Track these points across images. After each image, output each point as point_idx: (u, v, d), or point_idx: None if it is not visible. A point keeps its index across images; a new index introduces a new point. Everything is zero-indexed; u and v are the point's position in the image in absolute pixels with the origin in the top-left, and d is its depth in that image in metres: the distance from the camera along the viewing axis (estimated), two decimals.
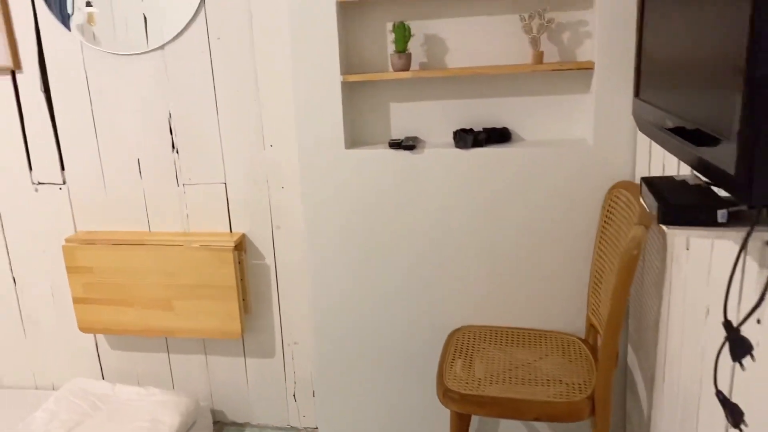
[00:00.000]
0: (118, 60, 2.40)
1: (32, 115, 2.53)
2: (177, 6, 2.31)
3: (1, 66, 2.47)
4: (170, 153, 2.47)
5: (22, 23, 2.43)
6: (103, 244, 2.51)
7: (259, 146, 2.41)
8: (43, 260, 2.69)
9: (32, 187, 2.61)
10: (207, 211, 2.51)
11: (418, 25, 2.18)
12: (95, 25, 2.37)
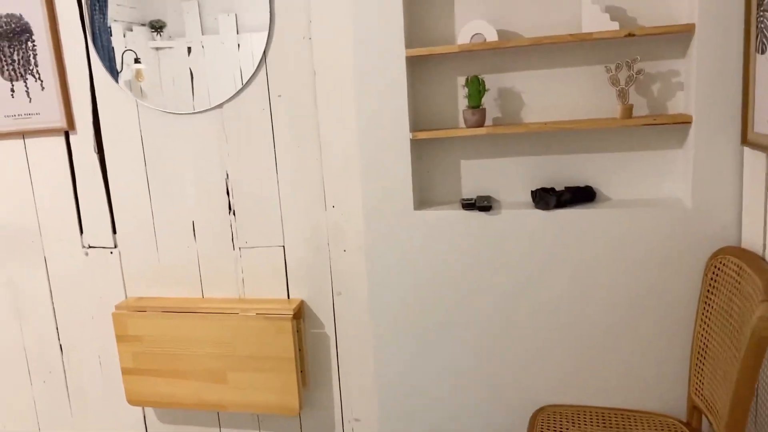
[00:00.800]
0: (175, 119, 2.31)
1: (85, 177, 2.45)
2: (237, 63, 2.22)
3: (55, 127, 2.41)
4: (226, 215, 2.35)
5: (78, 82, 2.37)
6: (154, 312, 2.37)
7: (320, 207, 2.27)
8: (92, 327, 2.57)
9: (82, 251, 2.51)
10: (264, 276, 2.36)
11: (493, 78, 2.04)
12: (143, 81, 2.30)
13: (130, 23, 2.26)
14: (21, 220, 2.53)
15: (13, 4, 2.34)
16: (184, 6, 2.21)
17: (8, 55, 2.39)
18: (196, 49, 2.24)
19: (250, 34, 2.18)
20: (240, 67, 2.21)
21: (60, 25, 2.34)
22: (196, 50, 2.24)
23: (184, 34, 2.23)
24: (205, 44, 2.23)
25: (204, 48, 2.23)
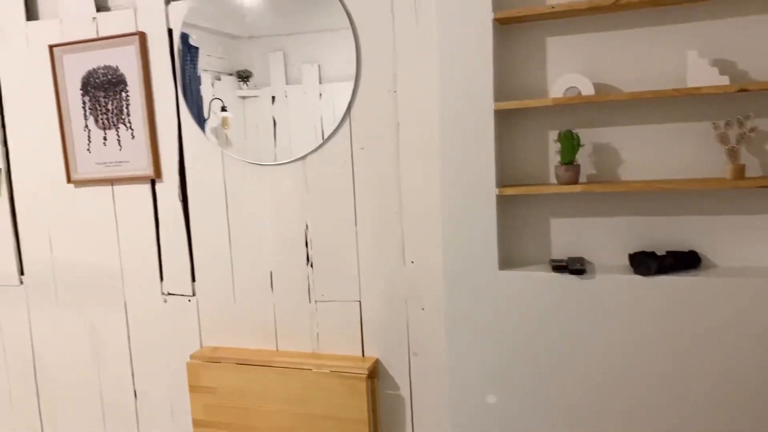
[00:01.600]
0: (258, 169, 2.31)
1: (168, 224, 2.47)
2: (318, 113, 2.20)
3: (143, 175, 2.45)
4: (304, 266, 2.30)
5: (166, 132, 2.41)
6: (227, 363, 2.33)
7: (398, 262, 2.19)
8: (167, 375, 2.55)
9: (162, 297, 2.52)
10: (339, 331, 2.29)
11: (587, 133, 1.92)
12: (229, 128, 2.32)
13: (218, 73, 2.30)
14: (105, 264, 2.58)
15: (111, 56, 2.43)
16: (270, 56, 2.24)
17: (103, 105, 2.47)
18: (280, 98, 2.25)
19: (333, 84, 2.17)
20: (321, 116, 2.20)
21: (152, 76, 2.40)
22: (279, 99, 2.25)
23: (269, 83, 2.25)
24: (289, 93, 2.24)
25: (287, 97, 2.24)
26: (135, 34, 2.37)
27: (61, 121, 2.52)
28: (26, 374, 2.78)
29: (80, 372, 2.68)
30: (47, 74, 2.53)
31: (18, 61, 2.59)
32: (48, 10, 2.56)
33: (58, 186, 2.60)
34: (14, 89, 2.62)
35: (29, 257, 2.70)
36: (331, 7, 2.14)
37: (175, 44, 2.35)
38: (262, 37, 2.24)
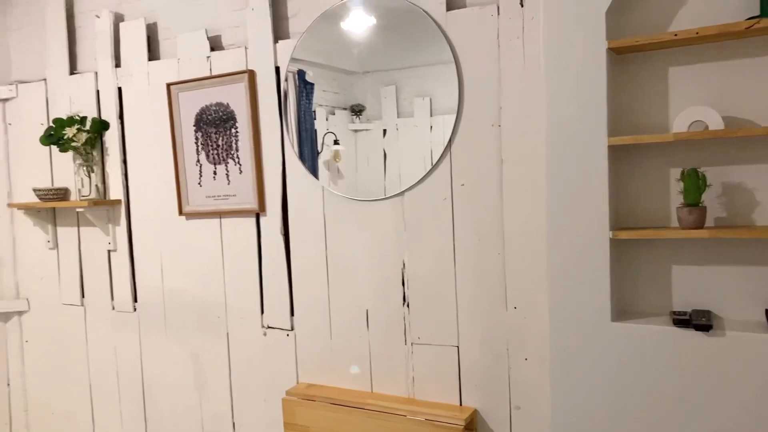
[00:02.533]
0: (357, 205, 2.28)
1: (270, 258, 2.49)
2: (429, 145, 2.14)
3: (249, 209, 2.49)
4: (400, 306, 2.22)
5: (271, 167, 2.45)
6: (322, 402, 2.28)
7: (500, 307, 2.05)
8: (263, 409, 2.55)
9: (262, 330, 2.53)
10: (435, 376, 2.18)
11: (715, 172, 1.72)
12: (340, 161, 2.31)
13: (333, 107, 2.31)
14: (210, 294, 2.63)
15: (222, 94, 2.51)
16: (382, 91, 2.22)
17: (214, 140, 2.55)
18: (391, 132, 2.21)
19: (443, 117, 2.11)
20: (431, 149, 2.13)
21: (261, 113, 2.45)
22: (390, 132, 2.21)
23: (381, 117, 2.23)
24: (400, 126, 2.20)
25: (398, 130, 2.20)
26: (245, 72, 2.44)
27: (176, 155, 2.63)
28: (136, 397, 2.88)
29: (184, 399, 2.74)
30: (164, 111, 2.65)
31: (139, 100, 2.75)
32: (168, 50, 2.70)
33: (170, 217, 2.70)
34: (135, 126, 2.77)
35: (142, 285, 2.82)
36: (437, 40, 2.09)
37: (281, 81, 2.39)
38: (376, 72, 2.23)
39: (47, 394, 3.18)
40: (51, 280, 3.10)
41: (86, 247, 2.97)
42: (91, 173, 2.82)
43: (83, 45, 2.95)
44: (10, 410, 3.27)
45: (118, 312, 2.90)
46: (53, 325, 3.12)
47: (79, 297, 3.01)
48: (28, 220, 3.12)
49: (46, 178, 3.05)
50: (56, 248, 3.07)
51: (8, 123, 3.15)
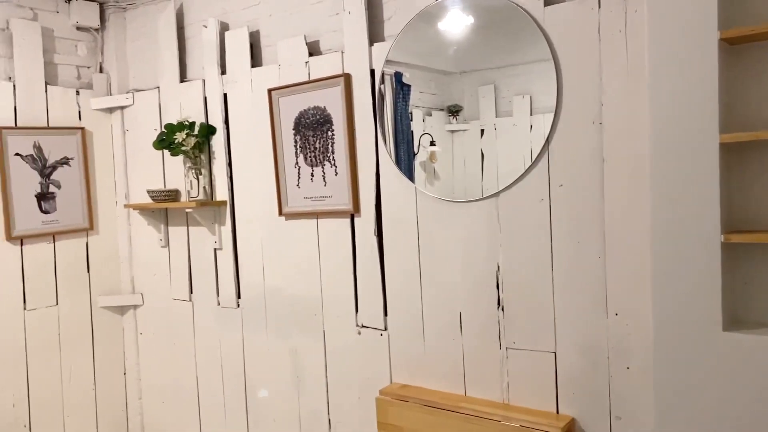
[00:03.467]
0: (450, 207, 2.26)
1: (364, 259, 2.52)
2: (528, 144, 2.09)
3: (343, 210, 2.54)
4: (495, 310, 2.18)
5: (366, 169, 2.48)
6: (415, 404, 2.29)
7: (599, 313, 1.97)
8: (358, 407, 2.58)
9: (356, 329, 2.57)
10: (530, 382, 2.12)
11: None
12: (436, 162, 2.30)
13: (429, 108, 2.32)
14: (308, 294, 2.70)
15: (320, 97, 2.57)
16: (480, 90, 2.19)
17: (311, 143, 2.62)
18: (489, 131, 2.19)
19: (543, 115, 2.06)
20: (531, 148, 2.09)
21: (356, 116, 2.49)
22: (488, 132, 2.19)
23: (479, 116, 2.20)
24: (498, 126, 2.17)
25: (496, 130, 2.17)
26: (341, 75, 2.48)
27: (276, 158, 2.72)
28: (238, 389, 3.01)
29: (282, 394, 2.83)
30: (266, 116, 2.75)
31: (243, 105, 2.87)
32: (269, 56, 2.80)
33: (271, 218, 2.80)
34: (239, 130, 2.90)
35: (245, 283, 2.94)
36: (535, 36, 2.03)
37: (376, 83, 2.42)
38: (473, 72, 2.21)
39: (158, 383, 3.39)
40: (163, 277, 3.30)
41: (194, 246, 3.14)
42: (199, 176, 2.98)
43: (192, 54, 3.11)
44: (126, 397, 3.51)
45: (223, 308, 3.04)
46: (164, 319, 3.32)
47: (188, 293, 3.19)
48: (143, 220, 3.33)
49: (159, 180, 3.25)
50: (167, 246, 3.26)
51: (126, 129, 3.39)
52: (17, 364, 3.05)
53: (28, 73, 3.10)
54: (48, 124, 3.17)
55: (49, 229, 3.16)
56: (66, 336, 3.24)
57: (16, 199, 3.03)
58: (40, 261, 3.15)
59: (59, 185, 3.20)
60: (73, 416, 3.27)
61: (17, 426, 3.05)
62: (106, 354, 3.41)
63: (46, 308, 3.16)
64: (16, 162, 3.04)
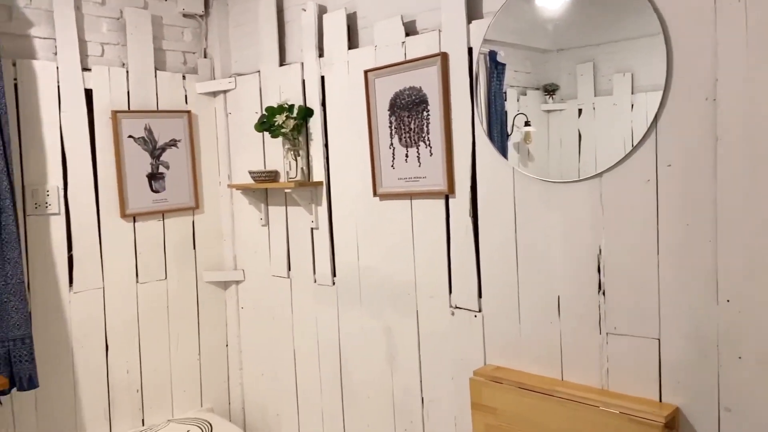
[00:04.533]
0: (549, 188, 2.21)
1: (458, 240, 2.52)
2: (629, 125, 2.01)
3: (438, 190, 2.54)
4: (595, 294, 2.12)
5: (461, 149, 2.46)
6: (510, 386, 2.27)
7: (709, 299, 1.87)
8: (451, 387, 2.60)
9: (449, 310, 2.57)
10: (632, 369, 2.06)
11: None
12: (530, 143, 2.26)
13: (524, 88, 2.28)
14: (401, 274, 2.73)
15: (415, 78, 2.57)
16: (578, 68, 2.13)
17: (407, 124, 2.62)
18: (587, 111, 2.12)
19: (647, 94, 1.97)
20: (632, 128, 2.01)
21: (452, 96, 2.47)
22: (586, 112, 2.12)
23: (576, 96, 2.14)
24: (597, 105, 2.10)
25: (595, 109, 2.10)
26: (438, 55, 2.47)
27: (371, 139, 2.75)
28: (333, 364, 3.10)
29: (376, 372, 2.89)
30: (362, 97, 2.79)
31: (340, 87, 2.91)
32: (366, 38, 2.83)
33: (366, 198, 2.84)
34: (336, 112, 2.95)
35: (340, 261, 3.01)
36: (642, 9, 1.94)
37: (473, 62, 2.39)
38: (571, 49, 2.14)
39: (258, 356, 3.54)
40: (262, 254, 3.43)
41: (293, 225, 3.24)
42: (298, 157, 3.06)
43: (291, 38, 3.19)
44: (228, 368, 3.69)
45: (319, 285, 3.13)
46: (264, 295, 3.46)
47: (286, 270, 3.30)
48: (245, 200, 3.47)
49: (259, 161, 3.37)
50: (267, 225, 3.39)
51: (228, 112, 3.53)
52: (131, 333, 3.28)
53: (140, 60, 3.28)
54: (157, 107, 3.36)
55: (159, 207, 3.36)
56: (174, 308, 3.44)
57: (129, 179, 3.24)
58: (151, 237, 3.35)
59: (168, 166, 3.39)
60: (180, 383, 3.48)
61: (130, 391, 3.29)
62: (210, 326, 3.60)
63: (156, 282, 3.37)
64: (129, 144, 3.24)
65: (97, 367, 3.16)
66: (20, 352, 2.73)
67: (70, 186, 3.05)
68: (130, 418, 3.29)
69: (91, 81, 3.12)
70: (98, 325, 3.16)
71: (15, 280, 2.70)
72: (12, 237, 2.69)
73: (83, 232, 3.10)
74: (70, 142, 3.05)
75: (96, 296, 3.15)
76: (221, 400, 3.68)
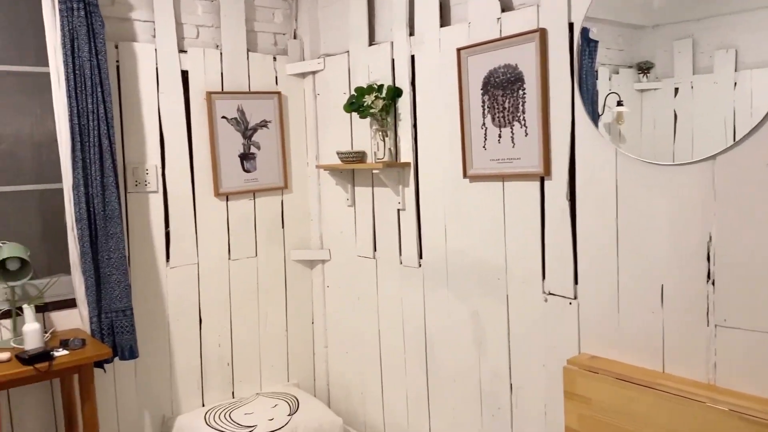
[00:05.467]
0: (655, 170, 2.09)
1: (553, 224, 2.43)
2: (731, 104, 1.87)
3: (532, 172, 2.46)
4: (703, 284, 2.00)
5: (559, 129, 2.36)
6: (606, 376, 2.18)
7: None
8: (542, 374, 2.53)
9: (542, 296, 2.50)
10: (743, 364, 1.93)
11: None
12: (623, 124, 2.15)
13: (617, 66, 2.17)
14: (491, 257, 2.67)
15: (511, 55, 2.49)
16: (675, 45, 2.00)
17: (500, 103, 2.55)
18: (684, 90, 1.99)
19: (751, 71, 1.83)
20: (734, 110, 1.87)
21: (550, 73, 2.38)
22: (683, 91, 2.00)
23: (672, 74, 2.02)
24: (695, 84, 1.97)
25: (693, 89, 1.97)
26: (536, 31, 2.38)
27: (462, 119, 2.69)
28: (418, 347, 3.08)
29: (462, 356, 2.85)
30: (453, 76, 2.73)
31: (430, 66, 2.86)
32: (458, 14, 2.75)
33: (455, 180, 2.79)
34: (425, 91, 2.90)
35: (427, 243, 2.98)
36: None
37: (574, 38, 2.28)
38: (668, 25, 2.02)
39: (342, 335, 3.58)
40: (348, 234, 3.45)
41: (379, 206, 3.23)
42: (385, 137, 3.04)
43: (381, 17, 3.16)
44: (314, 346, 3.76)
45: (405, 267, 3.11)
46: (349, 274, 3.48)
47: (372, 250, 3.30)
48: (332, 180, 3.50)
49: (346, 142, 3.37)
50: (353, 206, 3.40)
51: (317, 93, 3.55)
52: (222, 308, 3.39)
53: (233, 41, 3.34)
54: (249, 88, 3.42)
55: (250, 186, 3.43)
56: (263, 285, 3.53)
57: (222, 159, 3.32)
58: (242, 216, 3.43)
59: (259, 146, 3.45)
60: (268, 357, 3.57)
61: (221, 364, 3.40)
62: (297, 303, 3.67)
63: (246, 259, 3.46)
64: (222, 124, 3.32)
65: (191, 339, 3.29)
66: (122, 324, 2.87)
67: (168, 165, 3.16)
68: (221, 390, 3.41)
69: (187, 62, 3.21)
70: (192, 299, 3.28)
71: (117, 255, 2.83)
72: (115, 213, 2.82)
73: (179, 209, 3.21)
74: (168, 122, 3.15)
75: (191, 272, 3.26)
76: (307, 377, 3.75)
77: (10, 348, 2.64)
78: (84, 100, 2.74)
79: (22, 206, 2.93)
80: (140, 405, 3.15)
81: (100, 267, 2.82)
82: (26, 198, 2.93)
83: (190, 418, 3.15)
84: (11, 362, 2.49)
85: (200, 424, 3.06)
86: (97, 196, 2.78)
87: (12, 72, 2.86)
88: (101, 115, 2.77)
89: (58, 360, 2.52)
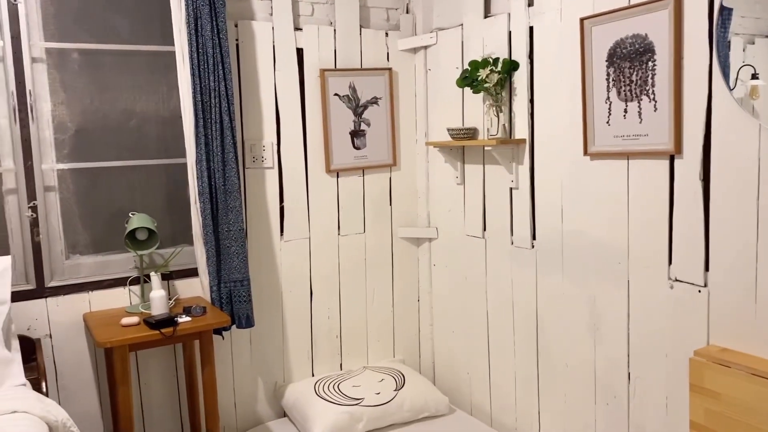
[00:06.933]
0: None
1: (683, 205, 2.27)
2: None
3: (661, 150, 2.30)
4: None
5: (693, 104, 2.19)
6: (739, 371, 2.03)
7: None
8: (664, 365, 2.39)
9: (668, 283, 2.35)
10: None
11: None
12: (757, 98, 1.97)
13: (752, 36, 1.98)
14: (611, 240, 2.54)
15: (640, 24, 2.33)
16: None
17: (627, 76, 2.39)
18: None
19: None
20: None
21: (684, 43, 2.20)
22: None
23: None
24: None
25: None
26: None
27: (584, 93, 2.56)
28: (529, 329, 3.00)
29: (576, 341, 2.75)
30: (575, 48, 2.59)
31: (550, 38, 2.73)
32: None
33: (574, 158, 2.67)
34: (544, 64, 2.78)
35: (541, 224, 2.88)
36: None
37: (714, 5, 2.09)
38: None
39: (449, 314, 3.55)
40: (457, 213, 3.40)
41: (490, 184, 3.16)
42: (499, 113, 2.95)
43: None
44: (419, 323, 3.76)
45: (516, 247, 3.03)
46: (457, 253, 3.44)
47: (481, 230, 3.24)
48: (441, 157, 3.45)
49: (457, 118, 3.31)
50: (463, 184, 3.34)
51: (428, 68, 3.50)
52: (332, 282, 3.45)
53: (346, 18, 3.35)
54: (361, 65, 3.42)
55: (360, 163, 3.45)
56: (370, 261, 3.56)
57: (333, 136, 3.35)
58: (352, 193, 3.47)
59: (369, 123, 3.46)
60: (375, 333, 3.61)
61: (330, 336, 3.48)
62: (403, 281, 3.68)
63: (355, 235, 3.50)
64: (334, 101, 3.35)
65: (303, 311, 3.38)
66: (240, 293, 2.99)
67: (283, 141, 3.23)
68: (330, 362, 3.49)
69: (302, 40, 3.25)
70: (304, 272, 3.36)
71: (236, 227, 2.94)
72: (234, 188, 2.92)
73: (293, 185, 3.28)
74: (284, 100, 3.22)
75: (303, 245, 3.34)
76: (412, 353, 3.76)
77: (139, 313, 2.82)
78: (206, 78, 2.84)
79: (149, 180, 3.10)
80: (254, 371, 3.28)
81: (220, 239, 2.95)
82: (153, 172, 3.10)
83: (300, 386, 3.25)
84: (139, 326, 2.66)
85: (310, 392, 3.15)
86: (218, 171, 2.89)
87: (140, 51, 3.01)
88: (222, 92, 2.86)
89: (182, 326, 2.66)
